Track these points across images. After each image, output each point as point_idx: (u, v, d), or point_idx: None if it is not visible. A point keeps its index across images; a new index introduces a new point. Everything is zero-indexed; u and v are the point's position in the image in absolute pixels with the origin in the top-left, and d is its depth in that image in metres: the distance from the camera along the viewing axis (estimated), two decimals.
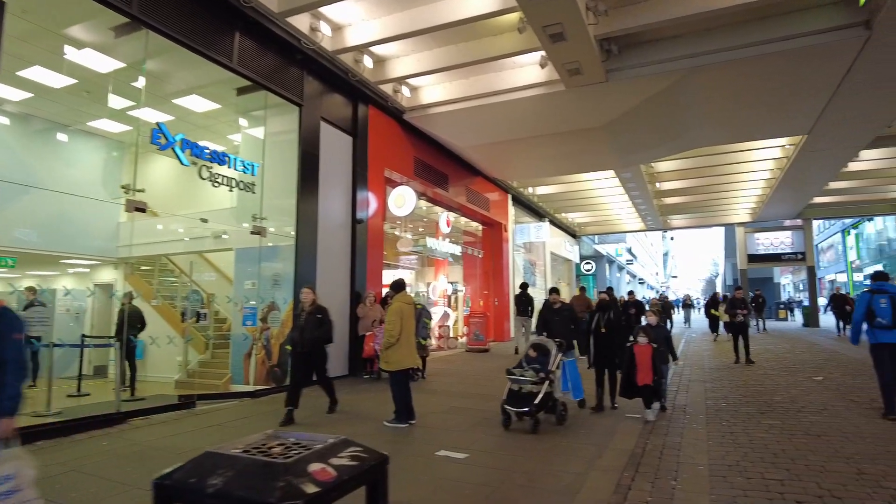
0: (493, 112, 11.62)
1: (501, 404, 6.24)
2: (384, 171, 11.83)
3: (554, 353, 6.65)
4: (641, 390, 6.61)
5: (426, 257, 17.91)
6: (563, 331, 7.34)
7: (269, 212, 9.11)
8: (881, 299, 6.60)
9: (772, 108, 11.87)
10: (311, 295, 7.34)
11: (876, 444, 5.42)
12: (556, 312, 7.69)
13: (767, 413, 6.91)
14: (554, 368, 6.48)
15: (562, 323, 7.55)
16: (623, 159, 14.70)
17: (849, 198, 23.72)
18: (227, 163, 8.13)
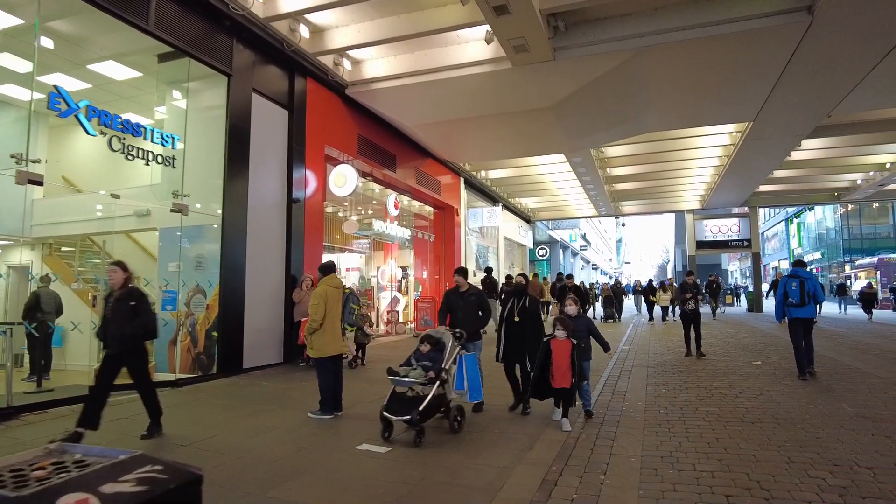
0: (439, 89, 11.16)
1: (381, 411, 5.13)
2: (324, 148, 11.25)
3: (449, 347, 5.63)
4: (558, 393, 5.64)
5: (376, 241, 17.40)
6: (467, 319, 6.33)
7: (192, 188, 8.45)
8: (793, 283, 8.07)
9: (719, 93, 11.83)
10: (119, 274, 5.32)
11: (806, 430, 5.33)
12: (462, 297, 6.52)
13: (706, 399, 6.80)
14: (447, 366, 5.45)
15: (467, 310, 6.43)
16: (572, 143, 14.50)
17: (792, 187, 24.37)
18: (143, 134, 7.44)
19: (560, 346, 5.59)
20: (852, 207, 38.15)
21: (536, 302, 6.41)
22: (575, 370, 5.46)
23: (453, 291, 6.63)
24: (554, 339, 5.66)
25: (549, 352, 5.62)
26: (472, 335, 6.30)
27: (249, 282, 9.15)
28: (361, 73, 11.38)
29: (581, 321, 6.12)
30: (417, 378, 5.26)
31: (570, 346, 5.56)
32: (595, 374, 8.68)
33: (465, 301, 6.46)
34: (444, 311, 6.59)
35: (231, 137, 8.88)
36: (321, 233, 11.10)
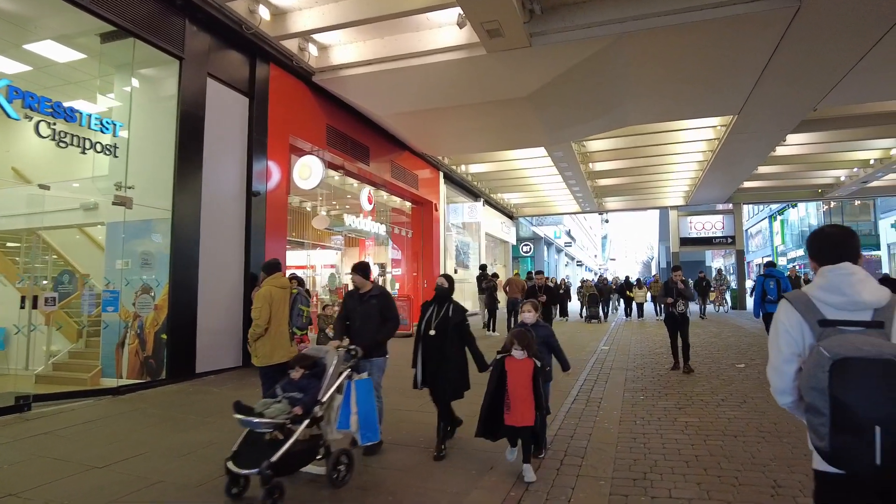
0: (412, 76, 10.59)
1: (224, 461, 3.72)
2: (289, 138, 10.65)
3: (330, 372, 4.20)
4: (516, 433, 4.19)
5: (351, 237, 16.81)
6: (365, 330, 4.89)
7: (137, 180, 7.83)
8: (770, 282, 9.19)
9: (703, 84, 11.38)
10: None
11: (794, 445, 4.87)
12: (361, 301, 5.04)
13: (686, 408, 6.34)
14: (324, 397, 4.06)
15: (366, 318, 4.94)
16: (552, 135, 13.99)
17: (776, 183, 24.13)
18: (79, 120, 6.80)
19: (518, 368, 4.19)
20: (834, 205, 38.15)
21: (462, 311, 4.97)
22: (540, 400, 4.15)
23: (351, 294, 5.21)
24: (509, 357, 4.24)
25: (502, 374, 4.21)
26: (372, 351, 4.87)
27: (203, 280, 8.54)
28: (329, 59, 10.77)
29: (539, 331, 4.80)
30: (277, 415, 3.83)
31: (531, 367, 4.17)
32: (570, 378, 8.21)
33: (363, 306, 5.01)
34: (342, 320, 5.15)
35: (183, 125, 8.25)
36: (284, 228, 10.49)
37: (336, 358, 4.32)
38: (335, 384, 4.23)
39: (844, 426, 1.80)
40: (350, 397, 4.26)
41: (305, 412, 3.91)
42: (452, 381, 4.83)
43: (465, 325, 4.95)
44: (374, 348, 4.86)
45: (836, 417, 1.81)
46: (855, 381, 1.78)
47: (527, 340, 4.24)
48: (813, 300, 2.02)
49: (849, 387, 1.79)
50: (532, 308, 4.97)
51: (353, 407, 4.24)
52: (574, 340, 13.29)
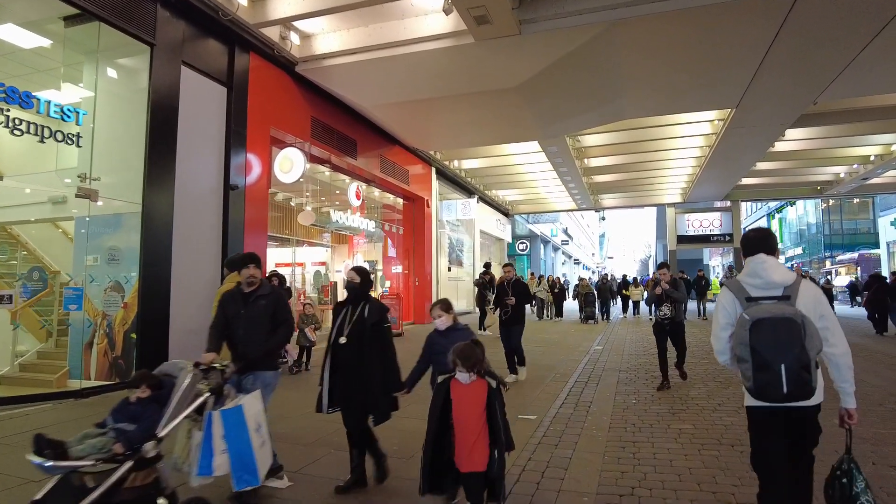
0: (398, 66, 10.20)
1: None
2: (270, 129, 10.25)
3: (178, 397, 3.15)
4: (467, 481, 3.10)
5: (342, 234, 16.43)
6: (250, 338, 3.96)
7: (104, 171, 7.43)
8: None
9: (700, 75, 11.01)
10: None
11: None
12: (246, 303, 4.06)
13: (680, 413, 5.97)
14: (162, 431, 3.03)
15: (251, 323, 4.01)
16: (545, 129, 13.61)
17: (775, 180, 23.81)
18: (35, 106, 6.41)
19: (465, 395, 3.11)
20: (833, 203, 37.91)
21: (381, 311, 4.05)
22: (498, 434, 3.05)
23: (232, 295, 4.17)
24: (454, 381, 3.16)
25: (447, 404, 3.14)
26: (257, 364, 3.95)
27: (177, 277, 8.14)
28: (312, 48, 10.37)
29: (456, 336, 3.72)
30: (89, 453, 2.84)
31: (483, 391, 3.11)
32: (560, 380, 7.87)
33: (249, 309, 4.04)
34: (218, 326, 4.08)
35: (155, 115, 7.84)
36: (265, 223, 10.10)
37: (189, 377, 3.24)
38: (182, 414, 3.15)
39: (760, 367, 2.51)
40: (211, 433, 3.20)
41: (129, 451, 2.87)
42: (372, 399, 3.87)
43: (385, 327, 4.04)
44: (261, 360, 3.99)
45: (756, 362, 2.52)
46: (766, 334, 2.50)
47: (474, 358, 3.12)
48: (742, 284, 2.75)
49: (762, 339, 2.50)
50: (443, 310, 3.96)
51: (216, 445, 3.19)
52: (567, 340, 12.94)
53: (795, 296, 2.62)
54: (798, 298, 2.61)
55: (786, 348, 2.47)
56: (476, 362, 3.12)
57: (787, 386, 2.48)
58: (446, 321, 3.93)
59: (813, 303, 2.62)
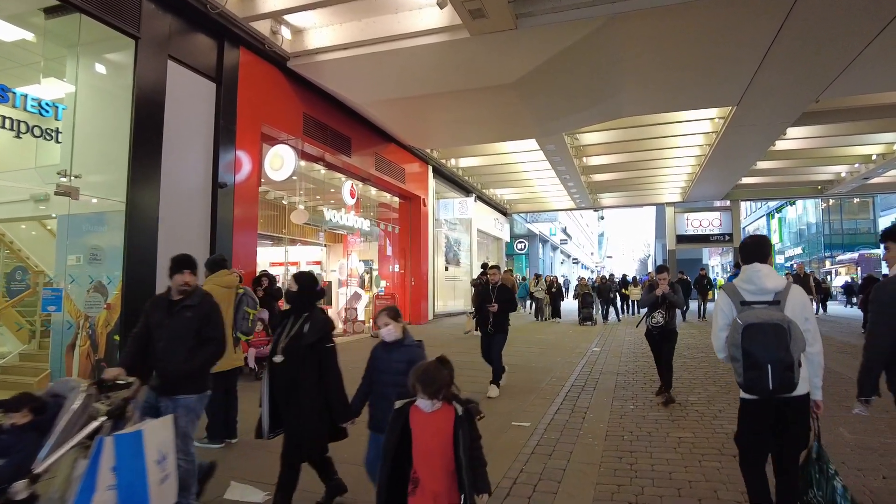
0: (391, 61, 9.97)
1: None
2: (261, 126, 10.03)
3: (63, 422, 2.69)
4: None
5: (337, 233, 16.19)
6: (173, 354, 3.39)
7: (86, 168, 7.19)
8: None
9: (700, 72, 10.80)
10: None
11: None
12: (171, 313, 3.50)
13: (679, 420, 5.75)
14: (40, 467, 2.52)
15: (175, 337, 3.44)
16: (543, 126, 13.39)
17: (775, 179, 23.60)
18: (10, 100, 6.18)
19: (427, 425, 2.55)
20: (833, 202, 37.73)
21: (322, 327, 3.47)
22: (462, 475, 2.45)
23: (157, 302, 3.62)
24: (414, 408, 2.59)
25: (404, 433, 2.57)
26: (178, 386, 3.42)
27: (162, 278, 7.87)
28: (304, 43, 10.14)
29: (403, 353, 3.32)
30: None
31: (449, 420, 2.53)
32: (557, 384, 7.65)
33: (174, 319, 3.47)
34: (138, 337, 3.52)
35: (139, 111, 7.60)
36: (255, 222, 9.87)
37: (81, 399, 2.74)
38: (69, 443, 2.58)
39: (750, 366, 2.81)
40: (98, 464, 2.57)
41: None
42: (307, 429, 3.35)
43: (326, 348, 3.43)
44: (181, 382, 3.41)
45: (746, 361, 2.83)
46: (756, 337, 2.79)
47: (439, 382, 2.52)
48: (738, 289, 3.02)
49: (752, 341, 2.79)
50: (389, 318, 3.38)
51: (101, 479, 2.55)
52: (564, 342, 12.72)
53: (785, 301, 2.91)
54: (787, 303, 2.90)
55: (773, 350, 2.78)
56: (441, 387, 2.52)
57: (773, 383, 2.79)
58: (394, 331, 3.37)
59: (800, 308, 2.92)
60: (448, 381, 2.58)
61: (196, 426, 3.55)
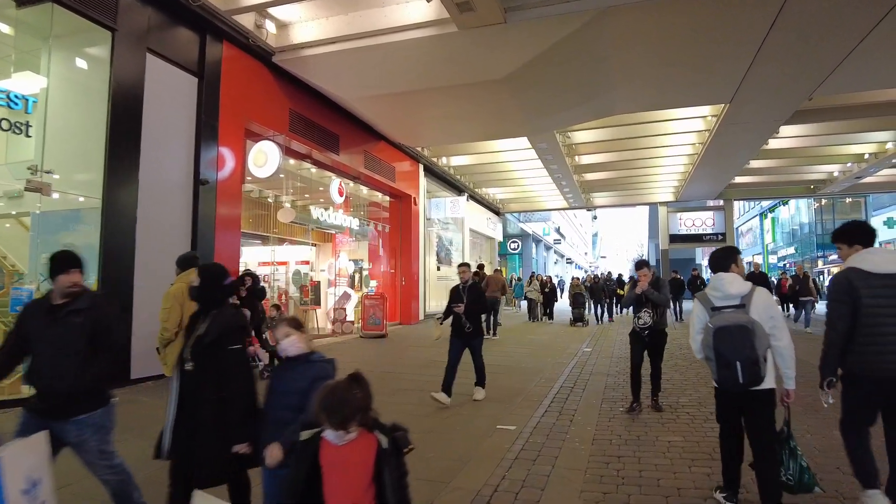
0: (378, 56, 9.78)
1: None
2: (245, 122, 9.82)
3: None
4: None
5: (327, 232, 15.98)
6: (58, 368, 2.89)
7: (58, 164, 6.98)
8: None
9: (693, 68, 10.64)
10: None
11: None
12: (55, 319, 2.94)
13: (669, 423, 5.58)
14: None
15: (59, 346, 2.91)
16: (533, 123, 13.21)
17: (768, 178, 23.52)
18: None
19: (342, 462, 2.05)
20: (826, 202, 37.75)
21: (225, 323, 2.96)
22: None
23: (37, 306, 3.08)
24: (324, 440, 2.08)
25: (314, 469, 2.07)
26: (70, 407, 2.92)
27: (141, 277, 7.70)
28: (289, 37, 9.93)
29: (308, 369, 2.78)
30: None
31: (371, 452, 2.05)
32: (545, 384, 7.48)
33: (56, 327, 2.92)
34: (6, 350, 3.01)
35: (116, 105, 7.40)
36: (237, 220, 9.65)
37: None
38: None
39: (722, 364, 3.20)
40: None
41: None
42: (200, 448, 2.82)
43: (229, 350, 2.91)
44: (75, 401, 2.92)
45: (719, 361, 3.22)
46: (725, 339, 3.17)
47: (348, 408, 2.01)
48: (708, 296, 3.41)
49: (722, 342, 3.18)
50: (291, 328, 2.83)
51: None
52: (555, 342, 12.56)
53: (749, 304, 3.28)
54: (751, 306, 3.27)
55: (740, 349, 3.15)
56: (351, 414, 2.00)
57: (742, 377, 3.16)
58: (296, 343, 2.81)
59: (764, 308, 3.27)
60: (361, 406, 2.04)
61: (111, 440, 3.12)
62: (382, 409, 2.14)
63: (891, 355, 3.12)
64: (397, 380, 8.05)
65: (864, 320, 3.19)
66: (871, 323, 3.17)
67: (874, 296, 3.17)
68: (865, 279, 3.20)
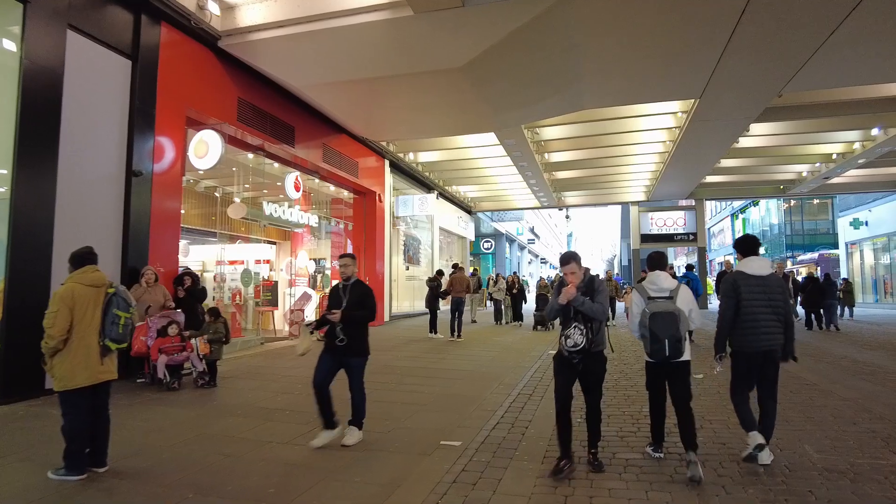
0: (331, 41, 9.18)
1: None
2: (187, 110, 9.13)
3: None
4: None
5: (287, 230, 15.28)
6: None
7: None
8: (684, 280, 11.15)
9: (662, 61, 10.29)
10: None
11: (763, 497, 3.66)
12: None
13: (629, 437, 5.09)
14: None
15: None
16: (499, 117, 12.72)
17: (739, 178, 23.50)
18: None
19: None
20: (794, 203, 38.20)
21: None
22: None
23: None
24: None
25: None
26: None
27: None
28: (235, 20, 9.28)
29: None
30: None
31: None
32: (502, 391, 6.97)
33: None
34: None
35: (28, 86, 6.67)
36: (177, 215, 8.96)
37: None
38: None
39: (654, 340, 4.14)
40: None
41: None
42: None
43: None
44: None
45: (652, 338, 4.16)
46: (657, 321, 4.14)
47: None
48: (646, 288, 4.37)
49: (655, 324, 4.14)
50: None
51: None
52: (520, 345, 12.09)
53: (676, 296, 4.25)
54: (677, 298, 4.24)
55: (669, 330, 4.09)
56: None
57: (668, 351, 4.09)
58: None
59: (686, 301, 4.27)
60: None
61: None
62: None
63: (762, 335, 4.23)
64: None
65: (744, 310, 4.25)
66: (748, 312, 4.24)
67: (751, 293, 4.26)
68: (745, 280, 4.30)
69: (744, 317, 4.22)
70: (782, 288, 4.36)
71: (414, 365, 9.28)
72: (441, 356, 10.33)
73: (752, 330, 4.20)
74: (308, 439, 4.94)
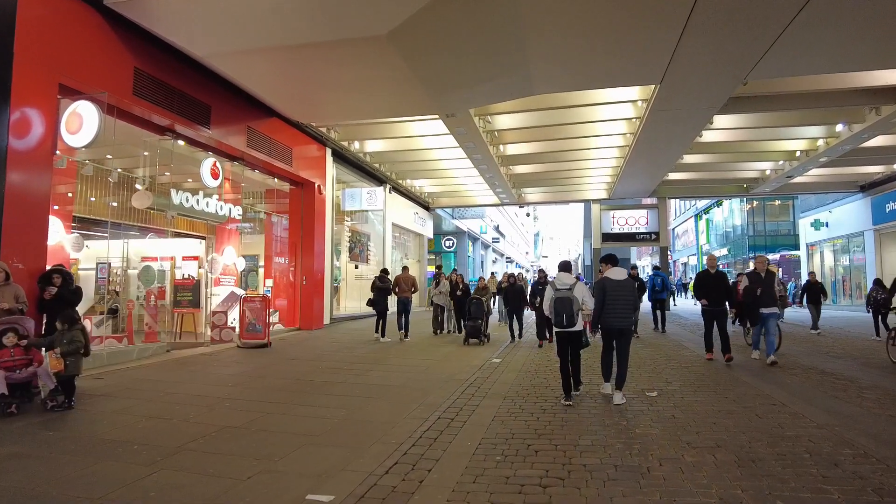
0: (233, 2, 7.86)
1: None
2: (60, 77, 7.69)
3: None
4: None
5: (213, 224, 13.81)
6: None
7: None
8: (657, 279, 14.73)
9: (616, 41, 9.34)
10: None
11: None
12: None
13: (560, 484, 3.97)
14: None
15: None
16: (439, 98, 11.47)
17: (702, 175, 22.88)
18: None
19: None
20: (756, 204, 38.21)
21: None
22: None
23: None
24: None
25: None
26: None
27: None
28: None
29: None
30: None
31: None
32: (422, 413, 5.79)
33: None
34: None
35: None
36: (45, 202, 7.50)
37: None
38: None
39: (558, 315, 6.51)
40: None
41: None
42: None
43: None
44: None
45: (556, 315, 6.53)
46: (560, 303, 6.48)
47: None
48: (556, 283, 6.69)
49: (557, 306, 6.50)
50: None
51: None
52: (459, 352, 10.93)
53: (573, 289, 6.54)
54: (574, 290, 6.53)
55: (567, 308, 6.43)
56: None
57: (566, 322, 6.45)
58: None
59: (581, 291, 6.56)
60: None
61: None
62: None
63: (615, 318, 6.49)
64: (227, 412, 6.18)
65: (607, 302, 6.49)
66: (609, 303, 6.48)
67: (613, 290, 6.52)
68: (610, 282, 6.56)
69: (607, 306, 6.50)
70: (632, 288, 6.76)
71: (333, 379, 8.03)
72: (371, 367, 9.11)
73: (611, 314, 6.51)
74: (144, 486, 3.66)
